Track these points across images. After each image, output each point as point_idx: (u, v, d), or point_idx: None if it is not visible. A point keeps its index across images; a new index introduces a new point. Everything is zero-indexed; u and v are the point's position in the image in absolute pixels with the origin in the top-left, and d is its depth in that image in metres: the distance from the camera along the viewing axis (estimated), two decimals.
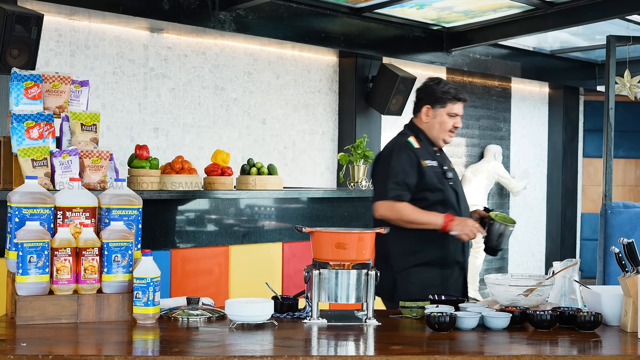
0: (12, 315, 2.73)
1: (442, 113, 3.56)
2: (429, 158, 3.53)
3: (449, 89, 3.55)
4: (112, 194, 2.86)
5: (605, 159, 4.84)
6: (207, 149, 6.12)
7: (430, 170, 3.49)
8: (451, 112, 3.56)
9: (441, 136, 3.58)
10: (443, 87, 3.56)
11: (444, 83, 3.58)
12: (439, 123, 3.56)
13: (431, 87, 3.59)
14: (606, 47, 4.76)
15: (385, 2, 6.33)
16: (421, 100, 3.62)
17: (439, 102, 3.55)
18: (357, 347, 2.52)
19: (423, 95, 3.61)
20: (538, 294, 2.98)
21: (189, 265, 4.42)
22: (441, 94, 3.55)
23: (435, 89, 3.57)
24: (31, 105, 3.47)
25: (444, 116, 3.56)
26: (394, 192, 3.42)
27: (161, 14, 5.45)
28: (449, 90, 3.55)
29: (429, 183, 3.47)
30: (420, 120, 3.62)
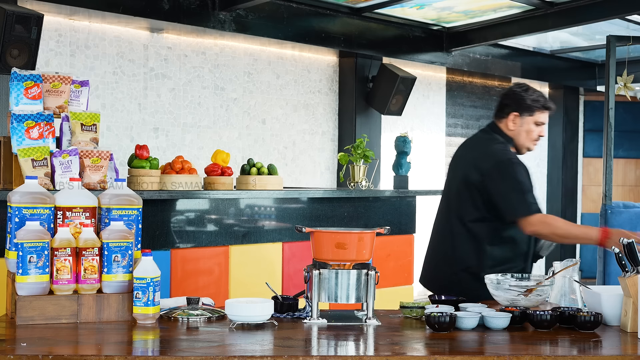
0: (12, 315, 2.73)
1: (529, 121, 3.53)
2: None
3: (538, 97, 3.52)
4: (112, 194, 2.86)
5: (605, 159, 4.85)
6: (207, 149, 6.12)
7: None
8: (538, 121, 3.53)
9: (526, 144, 3.56)
10: (532, 95, 3.52)
11: (532, 91, 3.54)
12: (526, 131, 3.53)
13: (520, 94, 3.53)
14: (606, 47, 4.76)
15: (385, 2, 6.33)
16: (508, 106, 3.56)
17: (527, 110, 3.52)
18: (357, 347, 2.52)
19: (510, 102, 3.55)
20: (538, 294, 2.98)
21: (189, 265, 4.42)
22: (531, 102, 3.51)
23: (524, 97, 3.52)
24: (31, 105, 3.47)
25: (530, 124, 3.53)
26: (535, 206, 3.37)
27: (161, 14, 5.45)
28: (538, 98, 3.52)
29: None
30: (506, 126, 3.56)
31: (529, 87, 3.57)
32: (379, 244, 4.88)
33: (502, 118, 3.59)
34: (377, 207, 5.32)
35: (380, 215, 5.32)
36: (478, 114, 8.60)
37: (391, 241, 5.36)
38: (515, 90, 3.57)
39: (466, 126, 8.48)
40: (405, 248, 5.49)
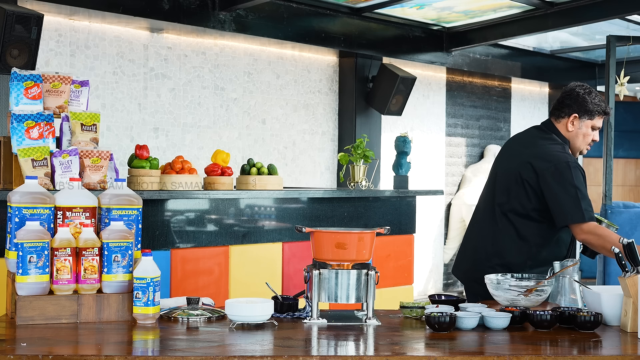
0: (12, 315, 2.73)
1: (587, 125, 3.49)
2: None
3: (600, 101, 3.49)
4: (112, 194, 2.86)
5: (605, 159, 4.85)
6: (207, 149, 6.12)
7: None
8: (596, 126, 3.50)
9: (581, 147, 3.53)
10: (594, 99, 3.48)
11: (595, 94, 3.49)
12: (583, 134, 3.50)
13: (582, 97, 3.48)
14: (606, 47, 4.77)
15: (385, 2, 6.33)
16: (569, 107, 3.50)
17: (587, 114, 3.48)
18: (357, 347, 2.52)
19: (572, 103, 3.50)
20: (538, 294, 2.98)
21: (189, 265, 4.42)
22: (592, 106, 3.47)
23: (587, 100, 3.48)
24: (31, 105, 3.47)
25: (588, 128, 3.50)
26: (590, 213, 3.33)
27: (161, 14, 5.45)
28: (600, 103, 3.48)
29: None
30: (565, 127, 3.52)
31: (592, 89, 3.53)
32: (379, 244, 4.88)
33: (560, 118, 3.54)
34: (377, 207, 5.32)
35: (380, 215, 5.32)
36: (478, 114, 8.60)
37: (391, 241, 5.36)
38: (578, 91, 3.51)
39: (466, 126, 8.48)
40: (405, 248, 5.49)
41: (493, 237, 3.50)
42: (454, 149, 8.39)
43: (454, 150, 8.39)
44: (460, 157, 8.47)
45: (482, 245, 3.55)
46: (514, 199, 3.46)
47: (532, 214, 3.43)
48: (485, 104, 8.67)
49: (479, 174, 8.32)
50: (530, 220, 3.43)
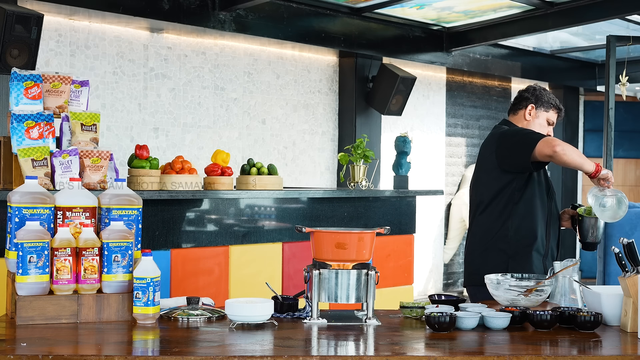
0: (12, 315, 2.73)
1: (543, 116, 3.73)
2: None
3: (555, 98, 3.77)
4: (112, 194, 2.86)
5: (605, 159, 4.85)
6: (207, 149, 6.12)
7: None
8: (550, 120, 3.74)
9: None
10: (549, 95, 3.76)
11: (550, 92, 3.79)
12: (539, 125, 3.72)
13: (539, 91, 3.76)
14: (606, 47, 4.76)
15: (385, 2, 6.33)
16: (527, 100, 3.75)
17: (544, 106, 3.73)
18: (357, 347, 2.52)
19: (529, 95, 3.75)
20: (538, 294, 2.98)
21: (189, 265, 4.42)
22: (548, 99, 3.74)
23: (543, 94, 3.75)
24: (31, 105, 3.47)
25: (544, 120, 3.73)
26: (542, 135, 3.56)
27: (161, 14, 5.45)
28: (555, 99, 3.76)
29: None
30: (522, 117, 3.74)
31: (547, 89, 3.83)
32: (379, 244, 4.89)
33: (518, 110, 3.77)
34: (377, 207, 5.32)
35: (380, 215, 5.32)
36: (478, 114, 8.60)
37: (391, 241, 5.36)
38: (535, 87, 3.79)
39: (466, 126, 8.48)
40: (405, 248, 5.49)
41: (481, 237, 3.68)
42: (454, 149, 8.38)
43: (454, 150, 8.39)
44: (460, 157, 8.47)
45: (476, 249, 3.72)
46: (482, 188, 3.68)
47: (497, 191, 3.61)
48: (485, 104, 8.67)
49: None
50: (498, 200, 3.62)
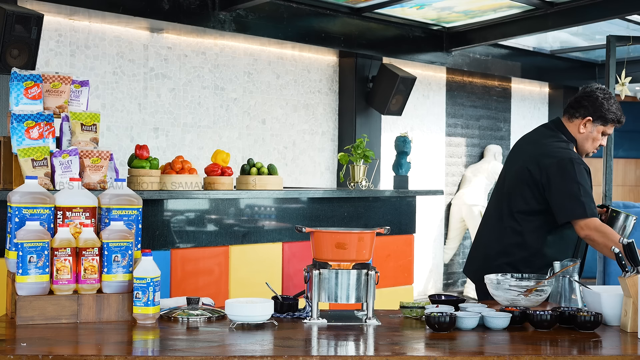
0: (12, 315, 2.73)
1: (599, 130, 3.48)
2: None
3: (617, 110, 3.46)
4: (112, 194, 2.86)
5: (605, 159, 4.85)
6: (207, 149, 6.12)
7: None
8: (606, 132, 3.48)
9: (589, 150, 3.53)
10: (612, 106, 3.45)
11: (614, 101, 3.46)
12: (593, 138, 3.48)
13: (601, 102, 3.45)
14: (606, 47, 4.77)
15: (385, 2, 6.33)
16: (585, 109, 3.46)
17: (601, 120, 3.46)
18: (357, 347, 2.52)
19: (589, 105, 3.46)
20: (538, 294, 2.98)
21: (189, 265, 4.42)
22: (608, 114, 3.44)
23: (604, 106, 3.44)
24: (31, 105, 3.47)
25: (599, 133, 3.48)
26: (593, 210, 3.32)
27: (161, 14, 5.45)
28: (616, 112, 3.45)
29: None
30: (576, 128, 3.50)
31: (611, 96, 3.48)
32: (379, 244, 4.89)
33: (574, 118, 3.52)
34: (377, 207, 5.32)
35: (380, 215, 5.32)
36: (478, 114, 8.60)
37: (391, 241, 5.36)
38: (598, 95, 3.47)
39: (466, 126, 8.48)
40: (405, 248, 5.49)
41: (499, 236, 3.50)
42: (454, 149, 8.38)
43: (454, 150, 8.39)
44: (460, 157, 8.47)
45: (490, 245, 3.55)
46: (519, 196, 3.45)
47: (536, 211, 3.41)
48: (485, 104, 8.67)
49: (479, 174, 8.32)
50: (535, 218, 3.42)
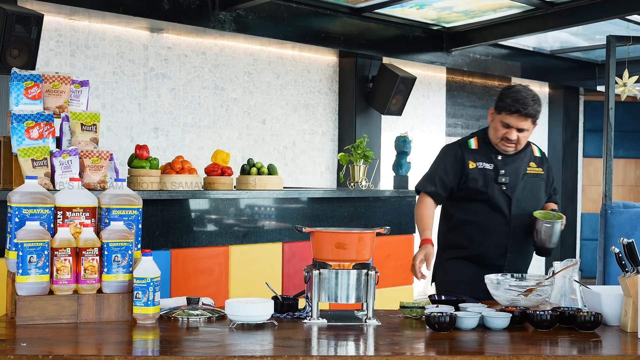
0: (12, 315, 2.73)
1: (497, 119, 3.52)
2: (482, 160, 3.56)
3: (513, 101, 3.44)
4: (112, 194, 2.86)
5: (605, 159, 4.84)
6: (207, 149, 6.12)
7: (477, 172, 3.54)
8: (505, 122, 3.48)
9: (495, 141, 3.57)
10: (509, 96, 3.47)
11: (514, 91, 3.48)
12: (494, 128, 3.54)
13: (501, 92, 3.54)
14: (606, 47, 4.75)
15: (385, 2, 6.33)
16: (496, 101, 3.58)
17: (497, 109, 3.53)
18: (357, 347, 2.52)
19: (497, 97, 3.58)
20: (538, 294, 2.98)
21: (189, 265, 4.42)
22: (501, 103, 3.49)
23: (502, 93, 3.52)
24: (31, 105, 3.47)
25: (497, 123, 3.52)
26: (425, 186, 3.60)
27: (161, 14, 5.45)
28: (508, 101, 3.46)
29: (472, 184, 3.53)
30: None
31: (515, 87, 3.52)
32: (379, 244, 4.88)
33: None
34: (377, 207, 5.32)
35: (380, 215, 5.32)
36: (478, 114, 8.60)
37: (391, 241, 5.36)
38: (505, 87, 3.58)
39: (466, 126, 8.48)
40: (405, 248, 5.49)
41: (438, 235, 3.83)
42: None
43: None
44: None
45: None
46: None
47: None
48: (485, 104, 8.66)
49: None
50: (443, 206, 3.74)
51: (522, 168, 3.61)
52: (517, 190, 3.56)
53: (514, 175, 3.58)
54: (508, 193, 3.54)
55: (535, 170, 3.65)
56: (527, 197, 3.59)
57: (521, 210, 3.55)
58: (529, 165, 3.64)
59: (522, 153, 3.63)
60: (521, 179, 3.59)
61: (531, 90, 3.52)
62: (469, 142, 3.62)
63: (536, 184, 3.65)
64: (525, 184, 3.60)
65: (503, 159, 3.58)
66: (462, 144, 3.61)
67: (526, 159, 3.65)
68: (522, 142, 3.55)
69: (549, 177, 3.72)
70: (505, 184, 3.54)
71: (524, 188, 3.59)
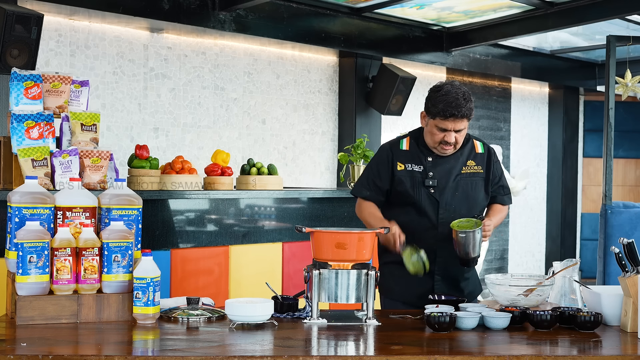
0: (12, 315, 2.73)
1: (432, 124, 3.31)
2: (412, 162, 3.39)
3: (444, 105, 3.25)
4: (112, 194, 2.86)
5: (605, 159, 4.84)
6: (207, 149, 6.12)
7: (405, 174, 3.38)
8: (440, 126, 3.29)
9: (433, 145, 3.39)
10: (437, 98, 3.27)
11: (444, 92, 3.28)
12: (430, 133, 3.34)
13: (430, 94, 3.33)
14: (606, 47, 4.76)
15: (385, 2, 6.33)
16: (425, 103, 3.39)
17: (429, 113, 3.32)
18: (357, 347, 2.52)
19: (426, 99, 3.37)
20: (538, 294, 2.98)
21: (189, 265, 4.42)
22: (431, 106, 3.29)
23: (431, 97, 3.31)
24: (31, 105, 3.48)
25: (433, 127, 3.31)
26: (360, 191, 3.49)
27: (161, 14, 5.45)
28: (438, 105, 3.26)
29: (399, 187, 3.38)
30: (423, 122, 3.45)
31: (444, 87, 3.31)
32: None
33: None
34: None
35: None
36: (478, 114, 8.60)
37: None
38: (432, 89, 3.35)
39: None
40: None
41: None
42: None
43: None
44: None
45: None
46: None
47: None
48: (485, 104, 8.66)
49: None
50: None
51: (457, 168, 3.42)
52: (447, 193, 3.37)
53: (445, 177, 3.39)
54: (436, 196, 3.35)
55: (472, 170, 3.44)
56: (460, 199, 3.38)
57: (451, 214, 3.35)
58: (466, 164, 3.44)
59: (457, 152, 3.43)
60: (453, 180, 3.39)
61: (460, 87, 3.33)
62: (401, 143, 3.45)
63: (472, 184, 3.43)
64: (458, 185, 3.39)
65: (434, 160, 3.40)
66: (394, 145, 3.46)
67: (462, 158, 3.45)
68: (460, 141, 3.36)
69: (490, 176, 3.47)
70: (434, 186, 3.35)
71: (456, 190, 3.39)
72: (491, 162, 3.50)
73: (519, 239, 9.11)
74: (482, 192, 3.46)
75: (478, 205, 3.43)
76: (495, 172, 3.51)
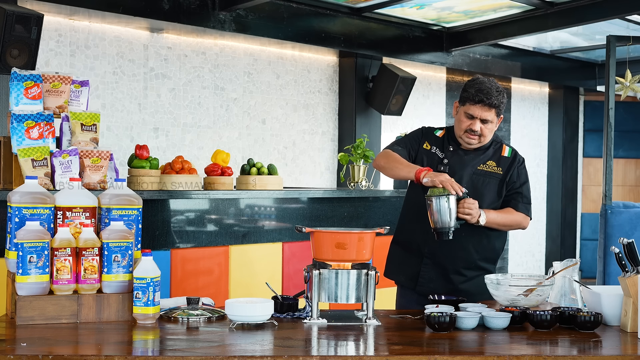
0: (12, 315, 2.73)
1: (461, 111, 3.41)
2: (437, 146, 3.50)
3: (477, 90, 3.36)
4: (112, 194, 2.86)
5: (605, 159, 4.84)
6: (207, 149, 6.12)
7: (426, 153, 3.48)
8: (469, 113, 3.37)
9: (458, 134, 3.45)
10: (471, 84, 3.40)
11: (478, 82, 3.40)
12: (458, 120, 3.44)
13: (465, 83, 3.46)
14: (606, 47, 4.76)
15: (385, 2, 6.33)
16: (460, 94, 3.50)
17: (461, 100, 3.43)
18: (357, 347, 2.52)
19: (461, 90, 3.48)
20: (538, 294, 2.98)
21: (189, 265, 4.42)
22: (464, 93, 3.41)
23: (466, 85, 3.44)
24: (31, 105, 3.47)
25: (461, 114, 3.41)
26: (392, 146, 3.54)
27: (161, 14, 5.45)
28: (471, 90, 3.37)
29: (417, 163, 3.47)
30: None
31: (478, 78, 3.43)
32: (379, 244, 4.88)
33: None
34: (377, 207, 5.32)
35: (380, 215, 5.32)
36: None
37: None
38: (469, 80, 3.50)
39: None
40: None
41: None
42: None
43: None
44: None
45: None
46: None
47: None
48: None
49: None
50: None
51: (474, 164, 3.46)
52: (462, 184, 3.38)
53: (460, 168, 3.43)
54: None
55: (490, 169, 3.47)
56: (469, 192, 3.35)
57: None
58: (485, 163, 3.48)
59: (481, 150, 3.49)
60: (466, 173, 3.43)
61: (496, 82, 3.43)
62: (436, 130, 3.58)
63: (484, 182, 3.45)
64: (471, 179, 3.42)
65: (454, 150, 3.47)
66: (429, 129, 3.59)
67: (484, 157, 3.49)
68: (485, 134, 3.42)
69: (507, 178, 3.49)
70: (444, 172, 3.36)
71: (467, 183, 3.40)
72: (513, 166, 3.53)
73: (518, 238, 9.11)
74: (492, 193, 3.46)
75: (484, 203, 3.41)
76: (515, 177, 3.52)
